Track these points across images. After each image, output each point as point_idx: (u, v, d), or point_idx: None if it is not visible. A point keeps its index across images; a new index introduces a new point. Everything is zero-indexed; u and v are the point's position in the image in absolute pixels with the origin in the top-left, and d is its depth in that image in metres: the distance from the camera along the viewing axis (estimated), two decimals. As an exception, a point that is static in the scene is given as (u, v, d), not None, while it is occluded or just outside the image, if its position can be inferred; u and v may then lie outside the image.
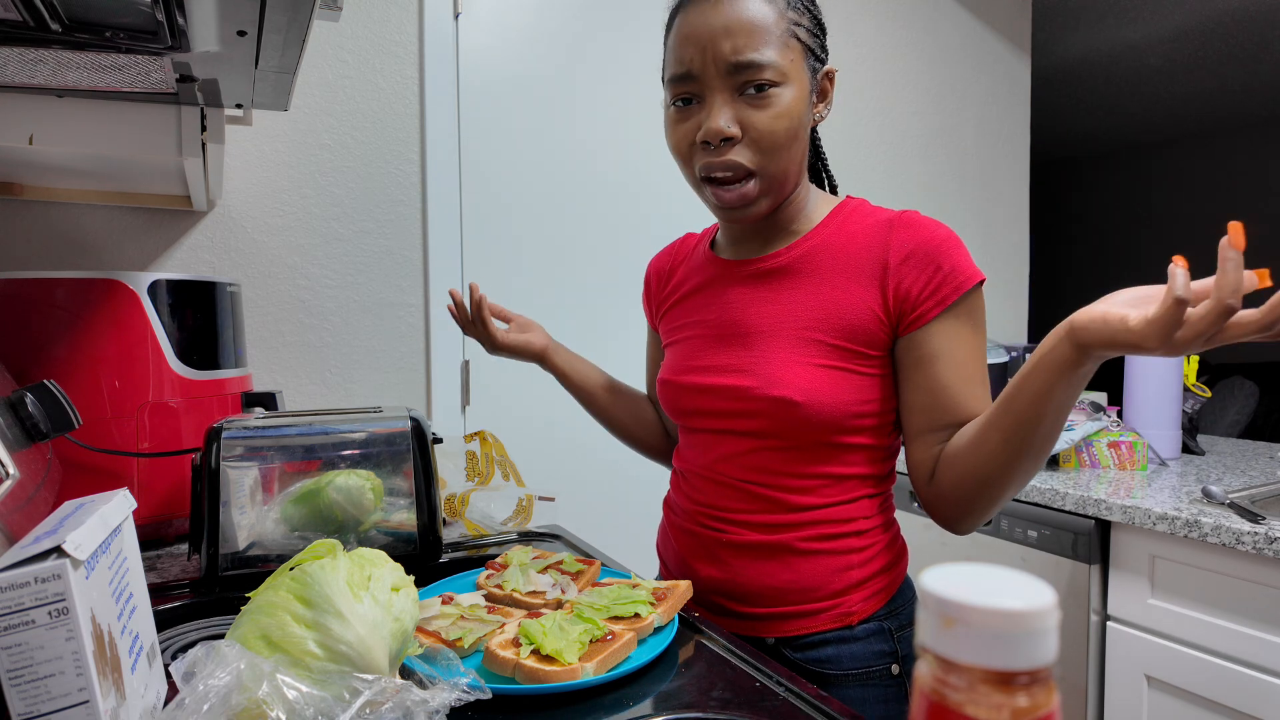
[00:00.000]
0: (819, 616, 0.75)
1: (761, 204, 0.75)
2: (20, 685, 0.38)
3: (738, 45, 0.70)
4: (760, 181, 0.73)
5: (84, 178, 1.14)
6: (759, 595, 0.77)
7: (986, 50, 2.22)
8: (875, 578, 0.77)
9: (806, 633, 0.76)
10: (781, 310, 0.77)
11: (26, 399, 0.72)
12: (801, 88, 0.73)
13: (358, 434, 0.88)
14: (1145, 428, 1.61)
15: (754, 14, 0.70)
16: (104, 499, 0.49)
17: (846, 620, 0.75)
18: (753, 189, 0.73)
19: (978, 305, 0.74)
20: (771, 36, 0.70)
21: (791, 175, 0.76)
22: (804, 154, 0.77)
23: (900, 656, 0.76)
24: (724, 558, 0.79)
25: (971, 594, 0.23)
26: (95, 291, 0.95)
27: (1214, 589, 1.19)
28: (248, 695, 0.44)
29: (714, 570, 0.79)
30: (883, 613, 0.77)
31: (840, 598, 0.75)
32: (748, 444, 0.77)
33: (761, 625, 0.77)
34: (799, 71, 0.72)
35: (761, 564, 0.77)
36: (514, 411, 1.58)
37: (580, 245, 1.65)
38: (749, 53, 0.70)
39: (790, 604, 0.76)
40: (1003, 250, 2.30)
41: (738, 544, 0.78)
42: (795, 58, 0.72)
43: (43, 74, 0.77)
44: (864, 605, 0.76)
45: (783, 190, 0.76)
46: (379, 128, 1.45)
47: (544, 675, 0.58)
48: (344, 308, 1.43)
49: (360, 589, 0.54)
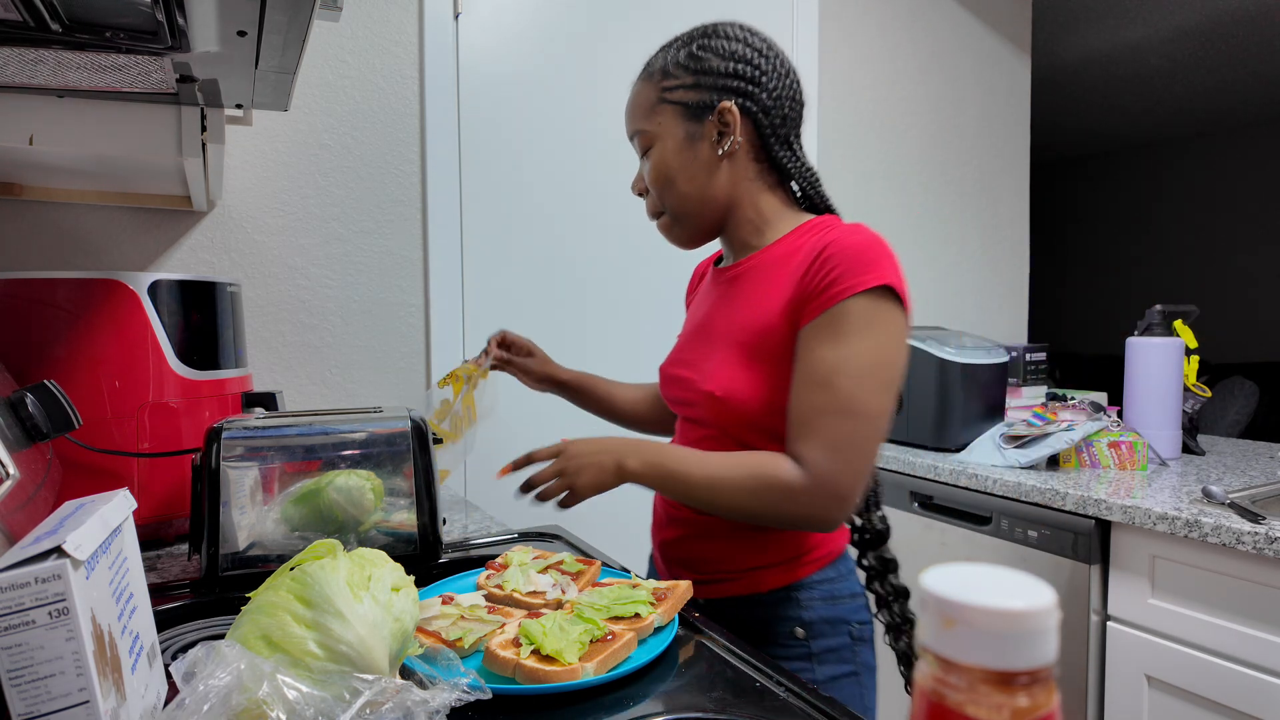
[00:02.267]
0: (730, 584, 0.88)
1: (677, 231, 0.92)
2: (20, 685, 0.38)
3: (628, 120, 0.92)
4: (667, 215, 0.91)
5: (84, 178, 1.14)
6: (687, 561, 0.92)
7: (986, 50, 2.22)
8: (789, 561, 0.87)
9: (720, 596, 0.89)
10: (727, 314, 0.89)
11: (27, 399, 0.72)
12: (674, 140, 0.87)
13: (358, 434, 0.88)
14: (1145, 428, 1.61)
15: (634, 98, 0.91)
16: (104, 499, 0.49)
17: (756, 588, 0.87)
18: (665, 221, 0.92)
19: (863, 311, 0.77)
20: (640, 111, 0.89)
21: (691, 206, 0.89)
22: (700, 185, 0.88)
23: (806, 623, 0.86)
24: (670, 528, 0.94)
25: (971, 594, 0.23)
26: (96, 292, 0.95)
27: (1214, 589, 1.19)
28: (248, 695, 0.44)
29: (664, 535, 0.96)
30: (792, 585, 0.87)
31: (752, 572, 0.87)
32: (699, 432, 0.90)
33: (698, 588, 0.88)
34: (670, 128, 0.87)
35: (692, 537, 0.91)
36: (514, 411, 1.58)
37: (581, 245, 1.65)
38: (629, 128, 0.92)
39: (709, 571, 0.89)
40: (1003, 250, 2.30)
41: (679, 519, 0.92)
42: (664, 119, 0.88)
43: (43, 74, 0.77)
44: (773, 579, 0.87)
45: (692, 217, 0.90)
46: (379, 128, 1.45)
47: (544, 675, 0.58)
48: (344, 308, 1.43)
49: (360, 589, 0.54)
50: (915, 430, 1.79)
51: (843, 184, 1.98)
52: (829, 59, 1.93)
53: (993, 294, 2.29)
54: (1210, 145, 4.73)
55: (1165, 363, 1.59)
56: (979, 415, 1.74)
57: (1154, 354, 1.60)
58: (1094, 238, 5.36)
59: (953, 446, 1.73)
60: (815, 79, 1.89)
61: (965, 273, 2.22)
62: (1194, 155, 4.81)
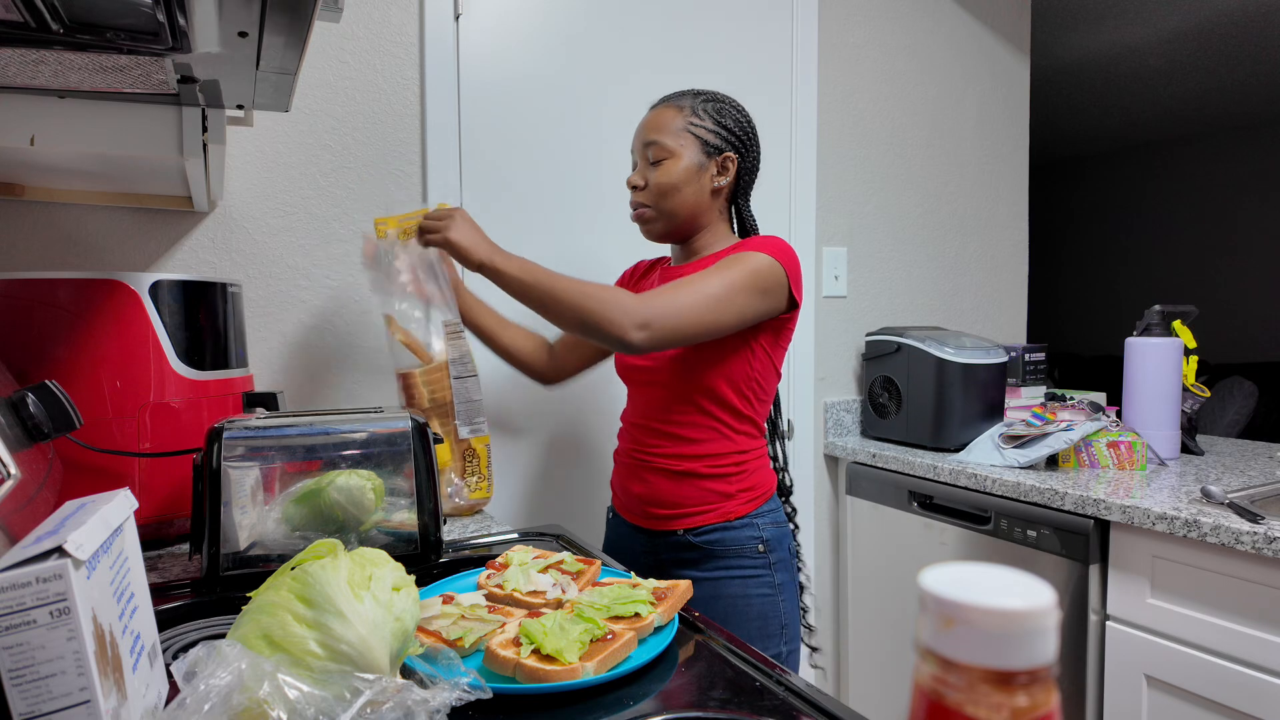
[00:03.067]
0: (708, 515, 1.16)
1: (655, 225, 1.19)
2: (21, 685, 0.39)
3: (649, 130, 1.17)
4: (652, 211, 1.18)
5: (85, 178, 1.14)
6: (671, 503, 1.17)
7: (986, 51, 2.22)
8: (746, 491, 1.17)
9: (702, 525, 1.16)
10: None
11: (28, 399, 0.72)
12: (687, 163, 1.16)
13: (359, 434, 0.88)
14: (1144, 428, 1.61)
15: (659, 117, 1.18)
16: (105, 499, 0.49)
17: (727, 517, 1.16)
18: (649, 214, 1.19)
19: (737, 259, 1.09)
20: (666, 129, 1.16)
21: (678, 215, 1.17)
22: (693, 202, 1.17)
23: (764, 540, 1.17)
24: (648, 479, 1.19)
25: (971, 594, 0.23)
26: (97, 292, 0.95)
27: (1213, 589, 1.19)
28: (249, 695, 0.45)
29: (642, 488, 1.19)
30: (754, 513, 1.17)
31: (722, 503, 1.16)
32: (657, 393, 1.18)
33: (673, 522, 1.17)
34: (688, 152, 1.16)
35: (672, 483, 1.17)
36: (513, 411, 1.58)
37: (581, 245, 1.65)
38: (651, 135, 1.17)
39: (691, 507, 1.16)
40: (1002, 250, 2.31)
41: (657, 469, 1.18)
42: (685, 144, 1.16)
43: (44, 75, 0.77)
44: (738, 508, 1.16)
45: (673, 222, 1.18)
46: (380, 128, 1.45)
47: (544, 675, 0.58)
48: (345, 308, 1.43)
49: (361, 589, 0.54)
50: (914, 430, 1.79)
51: (842, 184, 1.98)
52: (828, 59, 1.94)
53: (992, 294, 2.29)
54: (1209, 145, 4.73)
55: (1164, 363, 1.59)
56: (978, 415, 1.74)
57: (1153, 354, 1.60)
58: (1093, 238, 5.36)
59: (952, 446, 1.73)
60: (814, 79, 1.89)
61: (964, 273, 2.22)
62: (1193, 155, 4.81)
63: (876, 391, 1.89)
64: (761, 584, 1.16)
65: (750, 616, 1.15)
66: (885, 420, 1.87)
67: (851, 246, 2.00)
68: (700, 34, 1.75)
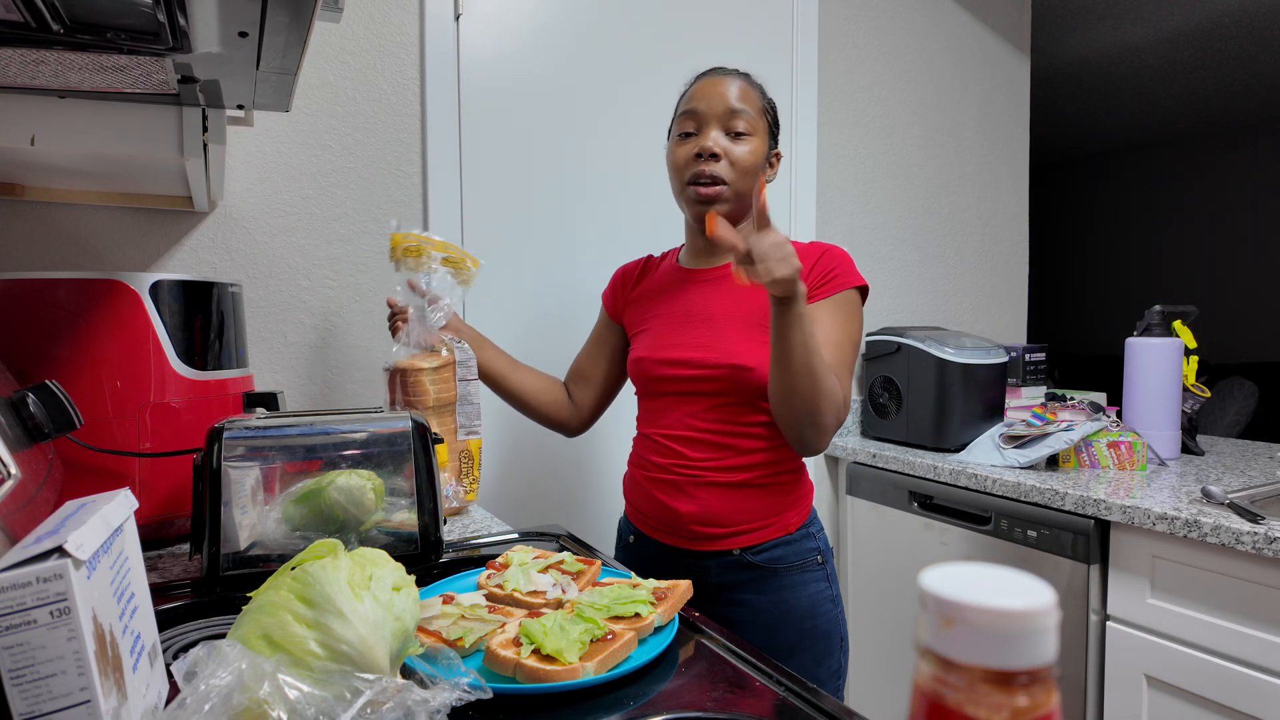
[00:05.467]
0: (769, 529, 1.07)
1: (724, 205, 1.06)
2: (22, 685, 0.39)
3: (737, 98, 1.06)
4: (728, 189, 1.06)
5: (86, 178, 1.14)
6: (727, 520, 1.06)
7: (986, 50, 2.22)
8: (801, 498, 1.11)
9: (761, 541, 1.07)
10: (732, 303, 1.09)
11: (28, 399, 0.72)
12: (762, 145, 1.08)
13: (359, 434, 0.88)
14: (1145, 428, 1.61)
15: (748, 90, 1.08)
16: (105, 499, 0.49)
17: (787, 530, 1.08)
18: (723, 191, 1.06)
19: (851, 307, 1.07)
20: (754, 105, 1.07)
21: (745, 199, 1.08)
22: (753, 192, 1.08)
23: (820, 550, 1.10)
24: (698, 495, 1.07)
25: (971, 594, 0.23)
26: (97, 292, 0.95)
27: (1214, 589, 1.19)
28: (249, 695, 0.45)
29: (692, 506, 1.07)
30: (807, 521, 1.11)
31: (782, 514, 1.08)
32: (706, 402, 1.07)
33: (727, 540, 1.07)
34: (763, 134, 1.08)
35: (728, 498, 1.06)
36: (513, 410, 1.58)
37: (581, 246, 1.65)
38: (742, 103, 1.06)
39: (751, 522, 1.07)
40: (1002, 250, 2.31)
41: (709, 483, 1.07)
42: (762, 127, 1.08)
43: (44, 75, 0.77)
44: (797, 518, 1.10)
45: (739, 203, 1.08)
46: (380, 128, 1.45)
47: (545, 675, 0.58)
48: (345, 308, 1.43)
49: (361, 589, 0.54)
50: (915, 430, 1.79)
51: (842, 184, 1.98)
52: (829, 59, 1.93)
53: (992, 294, 2.29)
54: (1209, 146, 4.73)
55: (1164, 363, 1.59)
56: (978, 415, 1.74)
57: (1153, 354, 1.60)
58: (1093, 238, 5.36)
59: (952, 446, 1.73)
60: (815, 79, 1.89)
61: (965, 273, 2.22)
62: (1193, 155, 4.81)
63: (877, 391, 1.89)
64: (824, 599, 1.08)
65: (817, 636, 1.06)
66: (885, 420, 1.87)
67: (851, 246, 2.00)
68: (700, 33, 1.75)
